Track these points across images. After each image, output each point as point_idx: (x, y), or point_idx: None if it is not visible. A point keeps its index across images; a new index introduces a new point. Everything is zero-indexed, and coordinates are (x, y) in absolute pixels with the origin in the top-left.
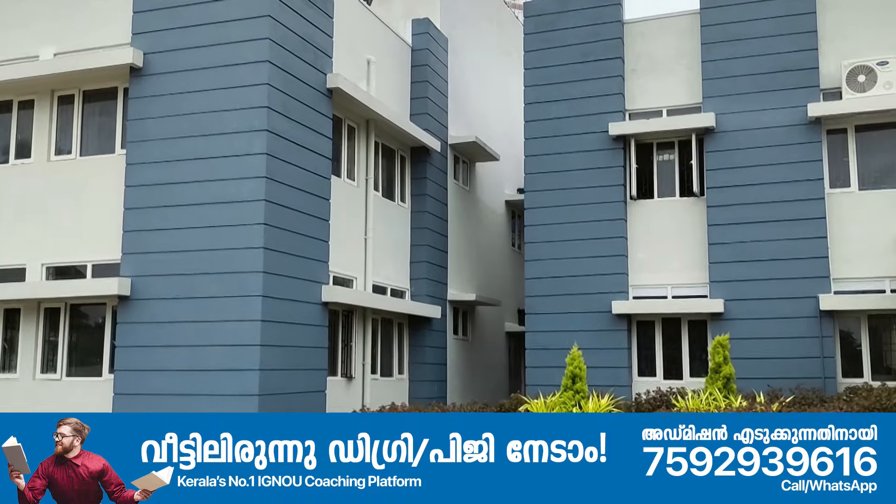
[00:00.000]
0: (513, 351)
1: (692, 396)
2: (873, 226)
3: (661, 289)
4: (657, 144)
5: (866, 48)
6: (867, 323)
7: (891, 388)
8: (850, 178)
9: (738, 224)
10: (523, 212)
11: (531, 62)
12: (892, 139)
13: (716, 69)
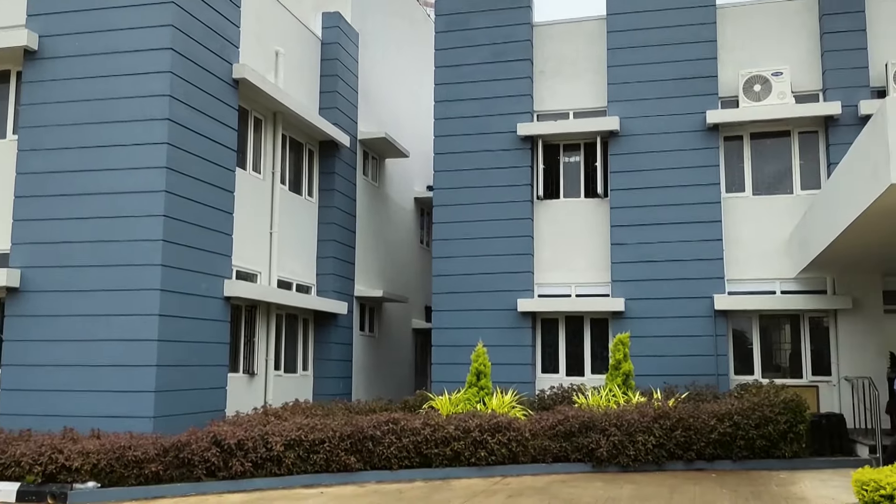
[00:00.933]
0: (419, 348)
1: (593, 393)
2: (765, 230)
3: (566, 287)
4: (564, 146)
5: (762, 59)
6: (758, 322)
7: (778, 385)
8: (744, 184)
9: (639, 225)
10: (432, 209)
11: (442, 60)
12: (784, 147)
13: (621, 74)
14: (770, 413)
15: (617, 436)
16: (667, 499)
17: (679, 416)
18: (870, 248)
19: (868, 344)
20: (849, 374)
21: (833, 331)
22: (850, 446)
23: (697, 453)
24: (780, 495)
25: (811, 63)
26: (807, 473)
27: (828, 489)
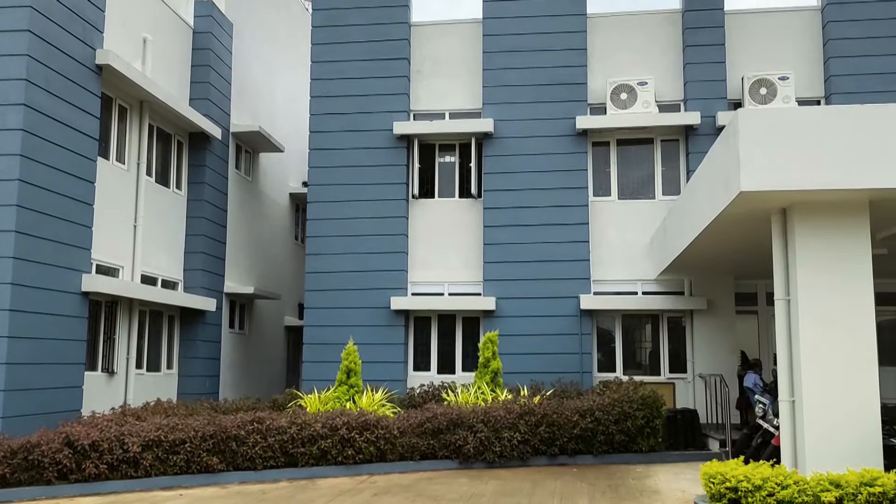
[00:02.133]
0: (292, 345)
1: (462, 390)
2: (629, 233)
3: (439, 286)
4: (439, 146)
5: (630, 68)
6: (621, 322)
7: (637, 382)
8: (611, 188)
9: (511, 226)
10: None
11: (318, 55)
12: (647, 154)
13: (495, 77)
14: (629, 409)
15: (484, 432)
16: (528, 494)
17: (544, 412)
18: (723, 253)
19: (721, 343)
20: (703, 372)
21: (689, 330)
22: (702, 440)
23: (561, 448)
24: (635, 488)
25: (674, 74)
26: (662, 467)
27: (680, 482)
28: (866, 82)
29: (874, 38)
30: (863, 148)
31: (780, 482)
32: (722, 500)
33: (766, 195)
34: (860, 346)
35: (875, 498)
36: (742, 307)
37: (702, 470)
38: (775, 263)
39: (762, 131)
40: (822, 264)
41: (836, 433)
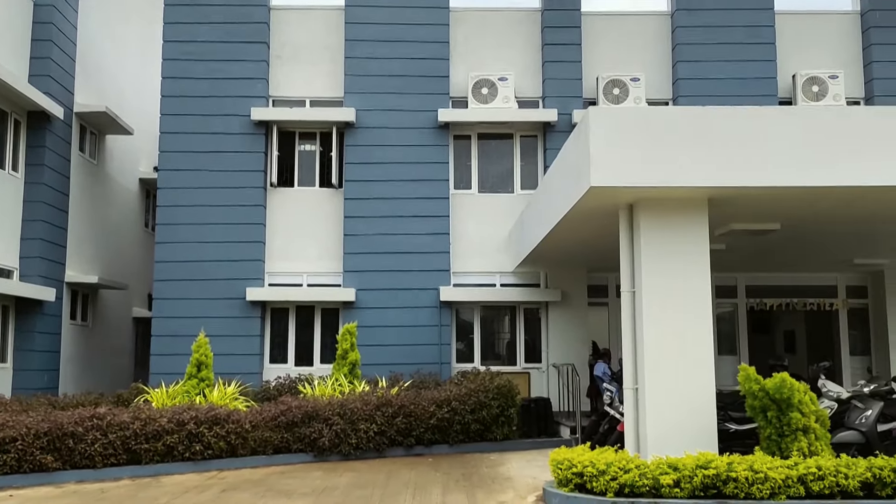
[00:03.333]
0: (140, 337)
1: (319, 382)
2: (488, 226)
3: (298, 277)
4: (300, 134)
5: (491, 63)
6: (480, 313)
7: (494, 372)
8: (471, 181)
9: (371, 217)
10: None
11: (172, 35)
12: (507, 149)
13: (358, 66)
14: (484, 398)
15: (340, 424)
16: (383, 485)
17: (401, 403)
18: (576, 246)
19: (574, 333)
20: (556, 361)
21: (545, 321)
22: (555, 428)
23: (417, 439)
24: (488, 476)
25: (533, 71)
26: (515, 455)
27: (532, 469)
28: (710, 86)
29: (718, 44)
30: (703, 148)
31: (622, 466)
32: (569, 485)
33: (614, 191)
34: (699, 337)
35: (709, 479)
36: (594, 299)
37: (550, 456)
38: (622, 256)
39: (611, 129)
40: (665, 258)
41: (675, 419)
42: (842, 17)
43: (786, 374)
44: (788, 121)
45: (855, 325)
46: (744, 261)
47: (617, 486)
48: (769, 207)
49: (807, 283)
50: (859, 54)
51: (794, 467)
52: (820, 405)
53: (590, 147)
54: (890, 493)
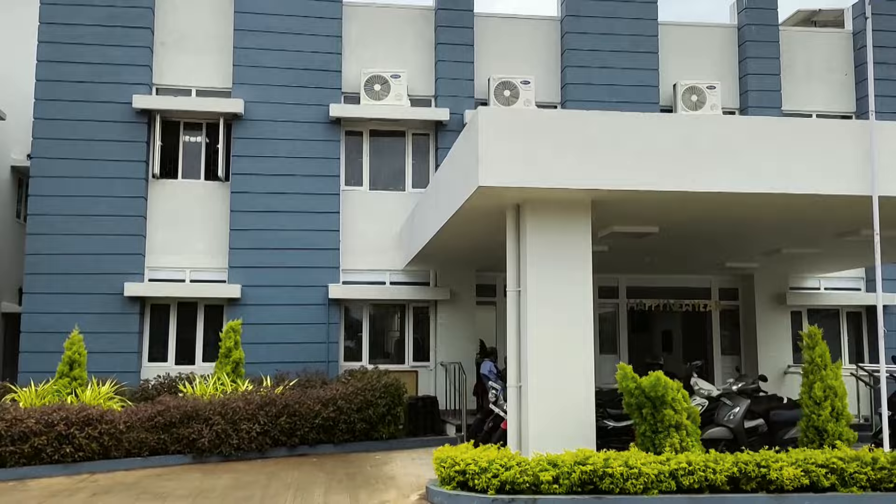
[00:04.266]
0: (10, 334)
1: (201, 382)
2: (379, 223)
3: (180, 272)
4: (185, 124)
5: (385, 60)
6: (369, 311)
7: (382, 370)
8: (363, 178)
9: (259, 212)
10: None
11: (49, 16)
12: (399, 146)
13: (248, 57)
14: (371, 397)
15: (221, 424)
16: (264, 486)
17: (285, 402)
18: (465, 245)
19: (462, 332)
20: (444, 360)
21: (433, 320)
22: (441, 426)
23: (301, 439)
24: (372, 475)
25: (427, 70)
26: (401, 453)
27: (416, 467)
28: (597, 92)
29: (604, 51)
30: (587, 151)
31: (504, 464)
32: (451, 483)
33: (501, 191)
34: (580, 336)
35: (587, 475)
36: (483, 298)
37: (434, 455)
38: (509, 256)
39: (500, 130)
40: (550, 258)
41: (556, 416)
42: (720, 30)
43: (660, 373)
44: (665, 128)
45: (726, 325)
46: (625, 262)
47: (498, 483)
48: (648, 211)
49: (683, 285)
50: (736, 66)
51: (666, 463)
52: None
53: (478, 147)
54: (754, 486)
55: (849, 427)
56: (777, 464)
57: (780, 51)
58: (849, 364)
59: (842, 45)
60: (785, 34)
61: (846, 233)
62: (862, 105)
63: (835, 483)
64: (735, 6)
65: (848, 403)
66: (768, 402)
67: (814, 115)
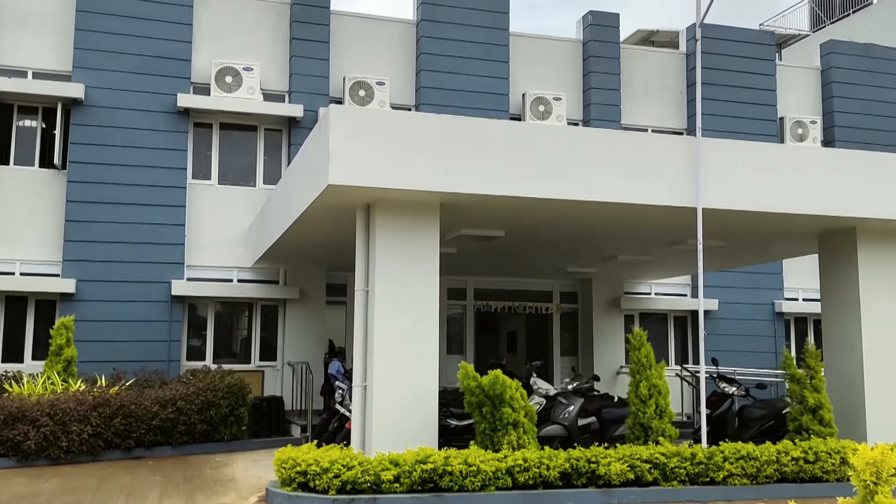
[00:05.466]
0: None
1: (28, 381)
2: (228, 219)
3: (10, 264)
4: (19, 107)
5: (237, 52)
6: (215, 309)
7: (226, 370)
8: (211, 172)
9: (98, 203)
10: None
11: None
12: (251, 141)
13: (91, 40)
14: (213, 397)
15: (49, 426)
16: (94, 490)
17: (121, 403)
18: (315, 244)
19: (311, 331)
20: (292, 360)
21: (282, 319)
22: (287, 427)
23: (137, 441)
24: (211, 478)
25: (281, 64)
26: (243, 455)
27: (258, 469)
28: (450, 97)
29: (458, 57)
30: (438, 154)
31: (346, 464)
32: (292, 485)
33: (351, 190)
34: (425, 336)
35: (427, 474)
36: (333, 298)
37: (276, 456)
38: (357, 255)
39: (353, 129)
40: (398, 259)
41: (400, 416)
42: (568, 44)
43: (499, 372)
44: (512, 135)
45: (566, 327)
46: (474, 265)
47: (339, 484)
48: (495, 215)
49: (527, 288)
50: (580, 80)
51: (503, 460)
52: (531, 401)
53: (329, 145)
54: (584, 482)
55: (672, 424)
56: (606, 459)
57: (620, 67)
58: (675, 365)
59: (676, 64)
60: (626, 52)
61: (674, 242)
62: (693, 122)
63: (657, 477)
64: (581, 22)
65: (671, 402)
66: (601, 401)
67: (649, 129)
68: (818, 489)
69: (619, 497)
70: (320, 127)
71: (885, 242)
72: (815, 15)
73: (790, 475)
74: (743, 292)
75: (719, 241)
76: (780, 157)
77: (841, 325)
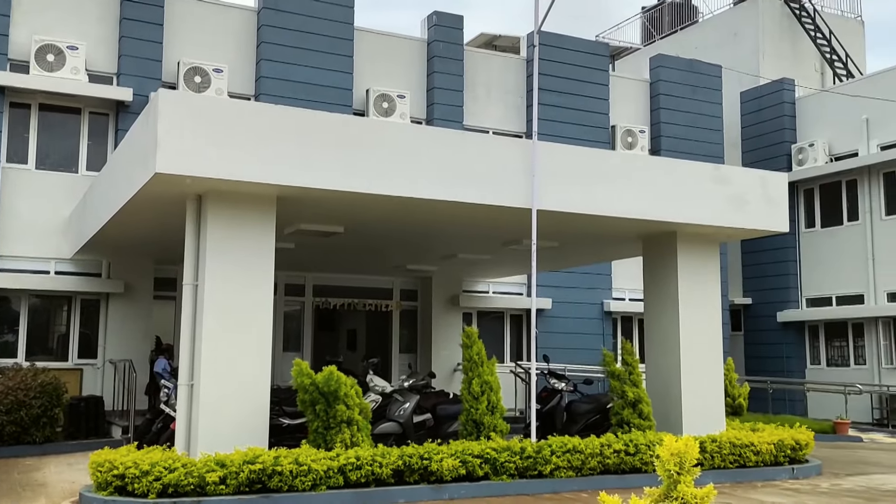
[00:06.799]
0: None
1: None
2: (46, 206)
3: None
4: None
5: (61, 29)
6: (28, 302)
7: (40, 368)
8: (28, 156)
9: None
10: None
11: None
12: (74, 124)
13: None
14: (24, 397)
15: None
16: None
17: None
18: (142, 235)
19: (136, 328)
20: (114, 357)
21: (104, 314)
22: (107, 428)
23: None
24: (20, 482)
25: (110, 45)
26: (57, 458)
27: (72, 473)
28: (292, 89)
29: (301, 49)
30: (275, 146)
31: (168, 466)
32: (108, 489)
33: (181, 179)
34: (258, 333)
35: (255, 474)
36: (161, 292)
37: (91, 459)
38: (187, 249)
39: (183, 115)
40: (231, 253)
41: (230, 415)
42: (412, 43)
43: (333, 368)
44: (351, 130)
45: (406, 325)
46: (313, 261)
47: (160, 487)
48: (334, 210)
49: (368, 286)
50: (424, 79)
51: (335, 458)
52: (367, 399)
53: (158, 131)
54: (417, 478)
55: (504, 420)
56: (438, 456)
57: (464, 69)
58: (510, 362)
59: (518, 69)
60: (469, 54)
61: (511, 242)
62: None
63: (488, 472)
64: (426, 22)
65: (504, 398)
66: (437, 398)
67: (491, 131)
68: (638, 479)
69: (450, 492)
70: (148, 111)
71: (701, 247)
72: (646, 30)
73: (612, 467)
74: (574, 292)
75: (553, 241)
76: (610, 163)
77: (661, 324)
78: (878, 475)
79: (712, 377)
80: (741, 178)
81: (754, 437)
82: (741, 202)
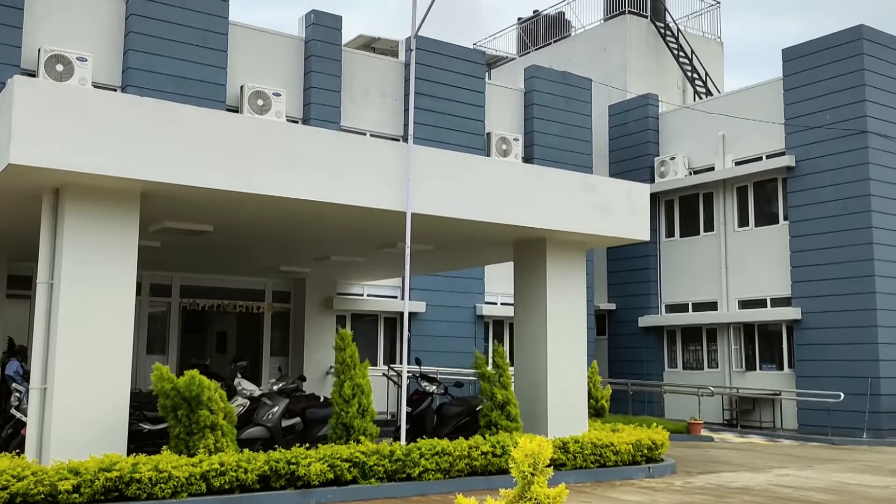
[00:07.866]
0: None
1: None
2: None
3: None
4: None
5: None
6: None
7: None
8: None
9: None
10: None
11: None
12: None
13: None
14: None
15: None
16: None
17: None
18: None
19: None
20: None
21: None
22: None
23: None
24: None
25: None
26: None
27: None
28: (162, 81)
29: (172, 41)
30: (140, 140)
31: (16, 474)
32: None
33: (37, 171)
34: (117, 335)
35: (112, 482)
36: (15, 291)
37: None
38: (42, 245)
39: (42, 105)
40: (90, 250)
41: (86, 421)
42: (289, 41)
43: (196, 372)
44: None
45: (278, 327)
46: (181, 260)
47: (7, 496)
48: (202, 208)
49: (239, 287)
50: (301, 78)
51: (198, 465)
52: (235, 403)
53: (12, 120)
54: (284, 483)
55: (375, 423)
56: (306, 460)
57: (342, 69)
58: (383, 365)
59: (396, 72)
60: (347, 55)
61: (385, 244)
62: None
63: (357, 476)
64: (304, 20)
65: (374, 400)
66: (307, 401)
67: (368, 133)
68: (504, 481)
69: (317, 497)
70: (2, 99)
71: (569, 253)
72: (521, 40)
73: (479, 468)
74: (448, 295)
75: (427, 245)
76: (484, 169)
77: (530, 328)
78: (727, 473)
79: (577, 380)
80: (608, 187)
81: (614, 437)
82: (607, 211)
